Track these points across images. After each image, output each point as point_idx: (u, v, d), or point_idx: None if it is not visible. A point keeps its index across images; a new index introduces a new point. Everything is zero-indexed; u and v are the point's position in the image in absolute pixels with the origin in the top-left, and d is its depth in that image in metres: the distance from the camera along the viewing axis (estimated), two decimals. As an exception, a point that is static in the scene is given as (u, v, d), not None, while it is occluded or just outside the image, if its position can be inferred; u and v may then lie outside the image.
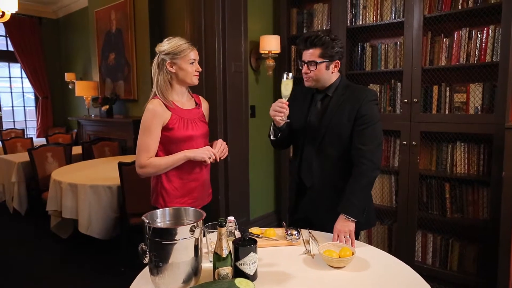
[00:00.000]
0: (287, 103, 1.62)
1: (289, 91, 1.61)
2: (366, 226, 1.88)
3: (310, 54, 1.66)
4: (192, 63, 1.71)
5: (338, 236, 1.54)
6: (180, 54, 1.67)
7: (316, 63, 1.65)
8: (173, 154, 1.70)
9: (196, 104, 1.85)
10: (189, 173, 1.74)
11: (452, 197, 2.57)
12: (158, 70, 1.70)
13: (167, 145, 1.71)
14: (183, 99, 1.78)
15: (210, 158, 1.71)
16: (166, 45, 1.68)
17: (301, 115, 1.80)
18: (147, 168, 1.67)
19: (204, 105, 1.90)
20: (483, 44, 2.38)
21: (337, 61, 1.69)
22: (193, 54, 1.71)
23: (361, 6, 2.86)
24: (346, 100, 1.69)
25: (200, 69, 1.76)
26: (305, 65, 1.68)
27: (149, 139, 1.66)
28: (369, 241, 2.97)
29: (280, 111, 1.61)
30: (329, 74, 1.70)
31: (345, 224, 1.56)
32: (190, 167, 1.74)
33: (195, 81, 1.75)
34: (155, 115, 1.65)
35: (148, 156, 1.67)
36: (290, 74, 1.61)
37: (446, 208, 2.59)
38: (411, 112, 2.61)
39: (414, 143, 2.61)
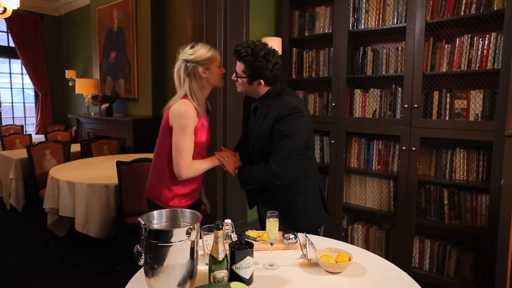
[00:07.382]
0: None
1: (276, 234, 1.40)
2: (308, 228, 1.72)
3: (237, 66, 1.68)
4: (220, 66, 1.76)
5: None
6: (212, 59, 1.70)
7: (238, 76, 1.68)
8: (208, 158, 1.78)
9: (208, 111, 1.89)
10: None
11: (451, 203, 2.57)
12: (189, 77, 1.69)
13: None
14: (202, 106, 1.80)
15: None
16: (197, 53, 1.68)
17: (245, 121, 1.89)
18: (191, 169, 1.69)
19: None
20: (485, 51, 2.38)
21: (260, 80, 1.65)
22: (220, 58, 1.78)
23: (363, 10, 2.86)
24: (269, 112, 1.67)
25: (225, 70, 1.80)
26: (234, 73, 1.70)
27: (189, 140, 1.67)
28: (366, 246, 2.97)
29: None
30: (254, 88, 1.69)
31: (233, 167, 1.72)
32: None
33: (222, 82, 1.80)
34: (192, 117, 1.66)
35: (192, 157, 1.69)
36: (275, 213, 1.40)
37: (444, 215, 2.59)
38: (411, 117, 2.61)
39: (413, 148, 2.61)
